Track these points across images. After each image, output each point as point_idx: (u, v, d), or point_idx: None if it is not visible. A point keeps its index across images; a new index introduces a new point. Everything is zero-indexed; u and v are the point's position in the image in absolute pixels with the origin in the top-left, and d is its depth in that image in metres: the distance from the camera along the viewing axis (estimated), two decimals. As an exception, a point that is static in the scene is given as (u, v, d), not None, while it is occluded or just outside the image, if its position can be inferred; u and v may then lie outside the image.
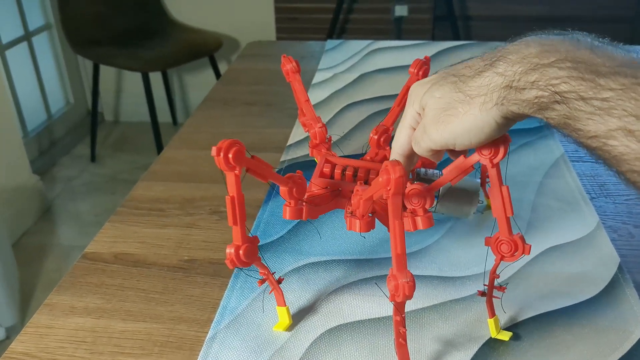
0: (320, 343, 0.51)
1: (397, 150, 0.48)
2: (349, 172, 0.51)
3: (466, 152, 0.47)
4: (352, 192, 0.47)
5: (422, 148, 0.46)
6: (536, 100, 0.37)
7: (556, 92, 0.36)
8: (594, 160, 0.37)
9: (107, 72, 2.58)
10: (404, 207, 0.45)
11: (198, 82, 2.63)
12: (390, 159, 0.49)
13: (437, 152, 0.46)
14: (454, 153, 0.47)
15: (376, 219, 0.46)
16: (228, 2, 2.45)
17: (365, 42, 1.23)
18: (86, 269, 0.61)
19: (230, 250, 0.43)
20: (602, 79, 0.34)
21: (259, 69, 1.17)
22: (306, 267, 0.60)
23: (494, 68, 0.40)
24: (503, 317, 0.52)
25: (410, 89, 0.47)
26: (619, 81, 0.34)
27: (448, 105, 0.42)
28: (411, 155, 0.48)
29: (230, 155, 0.40)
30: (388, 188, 0.38)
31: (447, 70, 0.45)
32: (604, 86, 0.34)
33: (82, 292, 0.58)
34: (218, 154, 0.40)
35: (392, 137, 0.50)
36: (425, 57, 0.57)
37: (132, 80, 2.60)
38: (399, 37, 2.11)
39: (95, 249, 0.64)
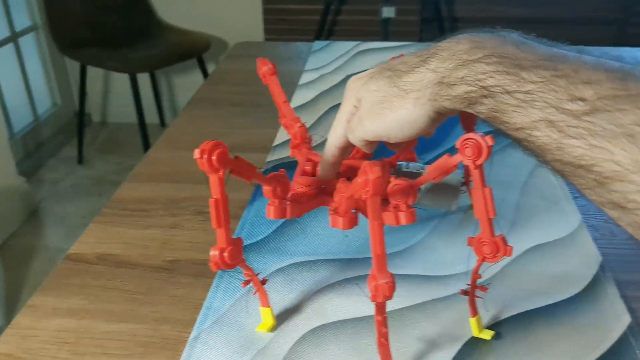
0: (304, 343, 0.51)
1: (333, 142, 0.49)
2: None
3: (403, 144, 0.47)
4: (335, 189, 0.47)
5: (356, 137, 0.47)
6: (466, 95, 0.38)
7: (483, 87, 0.37)
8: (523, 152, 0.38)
9: (95, 74, 2.57)
10: (387, 202, 0.45)
11: (186, 84, 2.62)
12: (325, 151, 0.50)
13: (370, 143, 0.47)
14: (390, 145, 0.48)
15: (360, 215, 0.46)
16: (216, 4, 2.45)
17: (352, 44, 1.24)
18: (69, 270, 0.61)
19: (214, 253, 0.43)
20: (525, 72, 0.35)
21: (246, 70, 1.17)
22: (291, 267, 0.60)
23: (426, 64, 0.41)
24: (485, 316, 0.53)
25: (348, 83, 0.48)
26: (540, 74, 0.35)
27: (383, 99, 0.43)
28: (345, 148, 0.49)
29: (213, 157, 0.39)
30: (366, 189, 0.38)
31: (384, 65, 0.46)
32: (527, 79, 0.35)
33: (65, 293, 0.58)
34: (201, 156, 0.39)
35: None
36: (400, 55, 0.57)
37: (120, 81, 2.59)
38: (386, 39, 2.11)
39: (79, 250, 0.64)
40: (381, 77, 0.44)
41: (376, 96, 0.44)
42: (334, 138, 0.49)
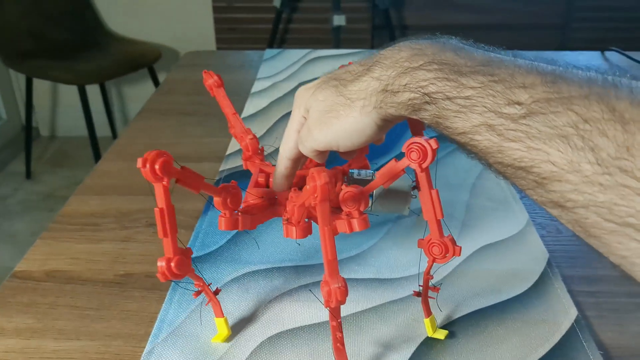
0: (260, 352, 0.50)
1: (285, 154, 0.50)
2: None
3: (355, 153, 0.48)
4: (288, 199, 0.47)
5: (306, 148, 0.47)
6: (409, 102, 0.39)
7: (425, 94, 0.38)
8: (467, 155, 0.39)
9: (42, 86, 2.50)
10: (340, 210, 0.46)
11: (137, 94, 2.58)
12: (278, 162, 0.50)
13: (321, 153, 0.48)
14: (342, 153, 0.48)
15: (313, 223, 0.46)
16: (167, 14, 2.42)
17: (304, 51, 1.24)
18: (16, 289, 0.59)
19: (161, 263, 0.42)
20: (464, 78, 0.36)
21: (196, 79, 1.16)
22: (246, 276, 0.60)
23: (370, 73, 0.42)
24: (439, 316, 0.53)
25: (296, 93, 0.49)
26: (478, 79, 0.36)
27: (330, 108, 0.44)
28: (298, 159, 0.50)
29: (157, 167, 0.39)
30: (315, 195, 0.39)
31: (330, 74, 0.47)
32: (466, 85, 0.36)
33: (11, 312, 0.56)
34: (144, 166, 0.39)
35: None
36: (349, 63, 0.58)
37: (69, 93, 2.53)
38: (338, 46, 2.13)
39: (26, 267, 0.62)
40: (327, 87, 0.45)
41: (323, 106, 0.44)
42: (286, 150, 0.49)
